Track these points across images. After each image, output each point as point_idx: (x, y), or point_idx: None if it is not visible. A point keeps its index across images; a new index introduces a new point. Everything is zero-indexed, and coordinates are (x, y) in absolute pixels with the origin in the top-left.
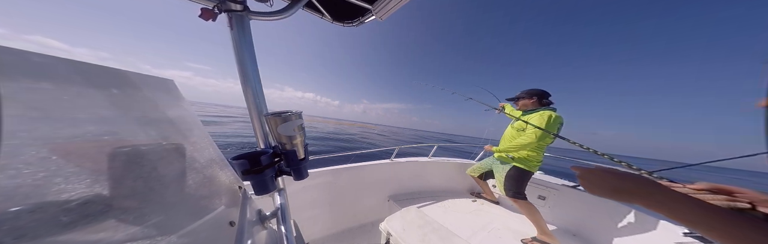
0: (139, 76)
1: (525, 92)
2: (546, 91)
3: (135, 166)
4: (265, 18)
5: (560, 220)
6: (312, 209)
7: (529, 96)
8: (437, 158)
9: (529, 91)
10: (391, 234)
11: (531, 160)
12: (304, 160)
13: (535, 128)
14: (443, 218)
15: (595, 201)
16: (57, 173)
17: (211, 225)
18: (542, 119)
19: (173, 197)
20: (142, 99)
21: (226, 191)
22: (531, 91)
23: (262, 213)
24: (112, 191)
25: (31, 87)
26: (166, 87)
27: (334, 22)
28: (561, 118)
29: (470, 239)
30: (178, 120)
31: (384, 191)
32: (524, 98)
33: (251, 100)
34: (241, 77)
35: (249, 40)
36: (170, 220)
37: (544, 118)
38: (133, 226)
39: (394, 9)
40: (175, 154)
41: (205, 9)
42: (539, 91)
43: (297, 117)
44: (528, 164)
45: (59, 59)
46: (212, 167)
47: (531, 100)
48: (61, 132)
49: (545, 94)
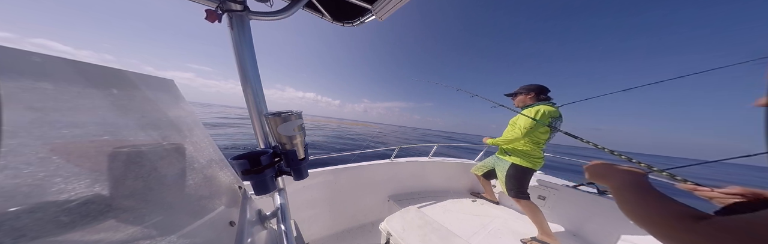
0: (139, 76)
1: (523, 88)
2: (544, 86)
3: (135, 166)
4: (265, 18)
5: (560, 220)
6: (312, 209)
7: (527, 91)
8: (437, 157)
9: (526, 86)
10: (391, 234)
11: (529, 156)
12: (304, 160)
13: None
14: (443, 218)
15: (595, 201)
16: (57, 173)
17: (211, 225)
18: (531, 114)
19: (173, 197)
20: (142, 99)
21: (226, 191)
22: (529, 86)
23: (262, 213)
24: (112, 191)
25: (32, 87)
26: (166, 87)
27: (334, 22)
28: (556, 112)
29: (470, 239)
30: (178, 120)
31: (384, 191)
32: (522, 94)
33: (251, 100)
34: (241, 77)
35: (249, 40)
36: (170, 220)
37: (532, 113)
38: (133, 226)
39: (394, 9)
40: (175, 154)
41: (209, 11)
42: (537, 86)
43: (297, 117)
44: (526, 160)
45: (59, 59)
46: (212, 167)
47: (528, 95)
48: (61, 132)
49: (543, 89)
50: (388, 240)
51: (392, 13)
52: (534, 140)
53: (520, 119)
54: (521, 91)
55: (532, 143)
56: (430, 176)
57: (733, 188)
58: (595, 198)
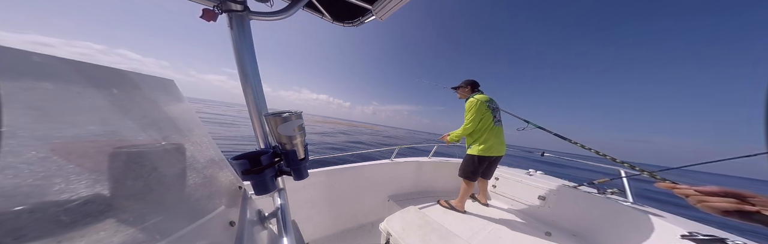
0: (140, 76)
1: (463, 82)
2: (476, 80)
3: (135, 166)
4: (265, 18)
5: (560, 220)
6: (312, 209)
7: (465, 85)
8: (437, 157)
9: (465, 80)
10: (391, 234)
11: (476, 145)
12: (304, 160)
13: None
14: (443, 218)
15: (595, 201)
16: (57, 173)
17: (211, 225)
18: (469, 105)
19: (173, 197)
20: (143, 99)
21: (226, 191)
22: (466, 80)
23: (262, 213)
24: (113, 191)
25: (32, 87)
26: (166, 87)
27: (334, 22)
28: (485, 97)
29: (470, 239)
30: (178, 120)
31: (384, 191)
32: (462, 87)
33: (251, 99)
34: (241, 77)
35: (249, 40)
36: (170, 220)
37: (470, 104)
38: (133, 226)
39: (394, 9)
40: (176, 154)
41: (206, 10)
42: (471, 80)
43: (297, 117)
44: (473, 148)
45: (59, 59)
46: (212, 167)
47: (466, 88)
48: (62, 132)
49: (476, 83)
50: (388, 240)
51: (392, 13)
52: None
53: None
54: (461, 85)
55: (478, 133)
56: (430, 176)
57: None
58: (595, 198)
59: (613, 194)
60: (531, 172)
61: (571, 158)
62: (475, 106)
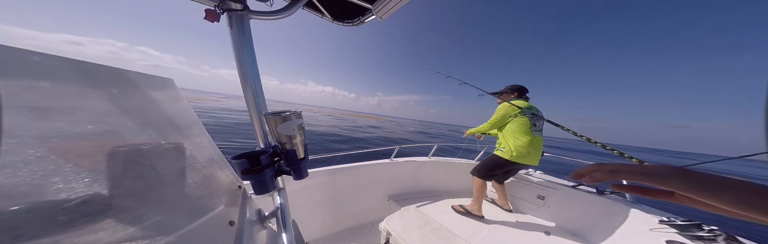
0: (139, 75)
1: (507, 87)
2: (524, 86)
3: (134, 165)
4: (265, 17)
5: (560, 220)
6: (312, 209)
7: (511, 91)
8: (437, 157)
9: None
10: (391, 234)
11: (507, 147)
12: (303, 159)
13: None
14: (443, 218)
15: (595, 201)
16: (55, 172)
17: (210, 225)
18: (499, 107)
19: (173, 196)
20: (142, 98)
21: (225, 190)
22: (511, 86)
23: (261, 213)
24: (111, 191)
25: (31, 86)
26: (166, 86)
27: (334, 22)
28: (523, 103)
29: (470, 239)
30: (177, 119)
31: (384, 191)
32: (506, 93)
33: (251, 99)
34: (241, 76)
35: (249, 39)
36: (169, 219)
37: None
38: (132, 225)
39: (395, 9)
40: (175, 153)
41: (208, 10)
42: (517, 86)
43: (297, 117)
44: (503, 151)
45: (58, 58)
46: (212, 167)
47: (511, 95)
48: (60, 131)
49: (523, 89)
50: (388, 240)
51: (392, 12)
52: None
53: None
54: (506, 91)
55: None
56: (430, 176)
57: None
58: (595, 198)
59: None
60: (530, 171)
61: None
62: (503, 109)
